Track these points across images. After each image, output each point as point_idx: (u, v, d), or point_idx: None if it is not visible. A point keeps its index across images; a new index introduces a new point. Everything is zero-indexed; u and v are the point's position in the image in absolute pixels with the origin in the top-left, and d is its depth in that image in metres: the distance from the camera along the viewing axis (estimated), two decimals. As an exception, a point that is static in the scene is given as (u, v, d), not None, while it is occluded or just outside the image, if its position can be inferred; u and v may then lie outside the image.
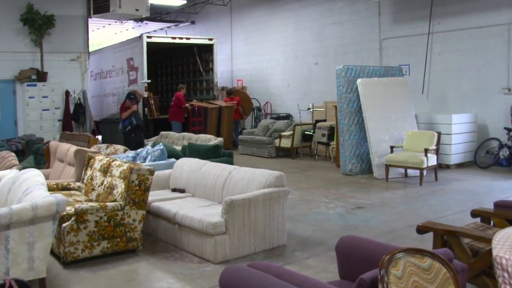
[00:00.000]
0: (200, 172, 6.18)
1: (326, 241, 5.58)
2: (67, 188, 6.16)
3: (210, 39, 16.00)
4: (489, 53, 10.67)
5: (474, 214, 4.52)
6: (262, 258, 5.05)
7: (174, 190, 6.34)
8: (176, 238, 5.37)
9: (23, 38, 13.89)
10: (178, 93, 14.16)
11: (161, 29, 21.19)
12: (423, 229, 3.93)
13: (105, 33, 22.15)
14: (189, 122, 13.94)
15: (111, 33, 22.42)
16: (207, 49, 16.17)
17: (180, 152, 8.24)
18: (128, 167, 5.17)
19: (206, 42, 16.00)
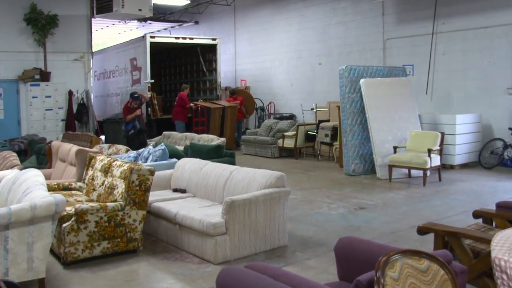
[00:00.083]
0: (201, 172, 6.17)
1: (328, 242, 5.54)
2: (68, 188, 6.17)
3: (214, 39, 15.98)
4: (494, 53, 10.61)
5: (476, 215, 4.47)
6: (263, 258, 5.02)
7: (175, 190, 6.34)
8: (176, 238, 5.36)
9: (26, 38, 13.91)
10: (182, 93, 14.16)
11: (165, 29, 21.21)
12: (423, 230, 3.90)
13: (109, 33, 22.18)
14: (192, 122, 13.95)
15: (115, 33, 22.45)
16: (211, 49, 16.16)
17: (182, 152, 8.23)
18: (128, 167, 5.17)
19: (210, 42, 15.99)
